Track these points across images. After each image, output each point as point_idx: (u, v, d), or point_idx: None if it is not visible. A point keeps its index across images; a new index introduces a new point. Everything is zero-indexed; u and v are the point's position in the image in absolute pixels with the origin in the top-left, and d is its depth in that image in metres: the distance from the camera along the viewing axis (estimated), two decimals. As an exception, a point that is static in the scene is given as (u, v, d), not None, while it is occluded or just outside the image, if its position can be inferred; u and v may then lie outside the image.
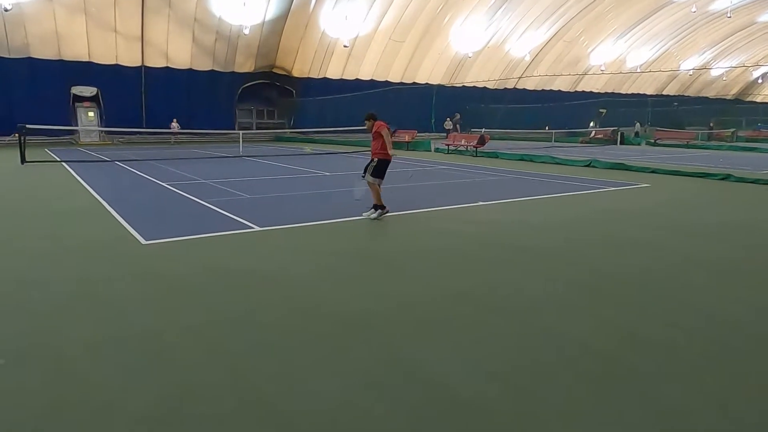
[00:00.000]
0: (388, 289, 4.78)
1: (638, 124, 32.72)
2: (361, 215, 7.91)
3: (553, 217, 8.35)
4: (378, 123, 8.03)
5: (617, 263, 5.70)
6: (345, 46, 32.89)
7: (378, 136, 7.94)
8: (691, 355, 3.47)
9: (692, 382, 3.11)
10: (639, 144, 30.78)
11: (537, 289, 4.80)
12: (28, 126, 16.81)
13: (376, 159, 7.97)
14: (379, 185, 7.94)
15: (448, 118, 29.35)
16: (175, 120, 28.70)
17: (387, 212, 7.94)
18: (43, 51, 26.39)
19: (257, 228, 7.16)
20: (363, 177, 8.08)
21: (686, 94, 53.09)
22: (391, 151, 7.94)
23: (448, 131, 29.47)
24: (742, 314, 4.21)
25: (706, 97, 54.28)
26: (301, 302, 4.40)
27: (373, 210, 7.90)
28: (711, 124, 38.91)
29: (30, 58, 26.26)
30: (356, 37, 32.93)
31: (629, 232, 7.28)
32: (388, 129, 8.09)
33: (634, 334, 3.78)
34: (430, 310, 4.25)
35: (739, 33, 47.87)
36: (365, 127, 8.19)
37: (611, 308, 4.31)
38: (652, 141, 31.28)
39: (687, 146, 28.95)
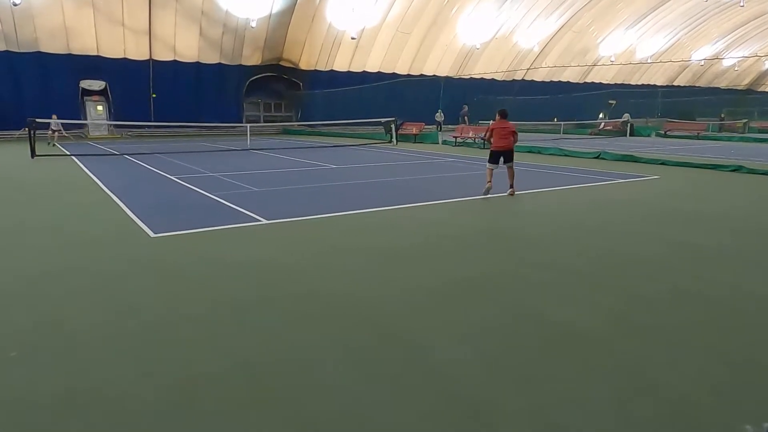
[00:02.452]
0: (389, 277, 4.79)
1: (627, 115, 32.39)
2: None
3: (562, 208, 8.30)
4: (493, 122, 9.75)
5: (623, 252, 5.66)
6: (352, 38, 32.77)
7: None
8: (700, 345, 3.46)
9: (673, 358, 3.10)
10: (649, 135, 30.48)
11: (541, 279, 4.78)
12: (37, 120, 16.94)
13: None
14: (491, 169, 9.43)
15: (440, 110, 29.22)
16: (54, 115, 21.20)
17: (486, 192, 9.11)
18: (52, 45, 26.52)
19: (264, 221, 7.19)
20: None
21: (697, 85, 52.43)
22: (495, 145, 9.53)
23: (439, 123, 29.33)
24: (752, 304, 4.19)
25: (718, 88, 53.55)
26: (305, 293, 4.42)
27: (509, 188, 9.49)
28: (722, 115, 38.41)
29: (39, 53, 26.40)
30: (363, 29, 32.79)
31: (635, 223, 7.23)
32: (497, 127, 9.59)
33: (637, 320, 3.77)
34: (434, 296, 4.26)
35: (752, 22, 47.10)
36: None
37: (618, 297, 4.30)
38: (662, 132, 30.97)
39: (698, 137, 28.63)
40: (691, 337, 3.63)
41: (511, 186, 9.46)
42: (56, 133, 21.50)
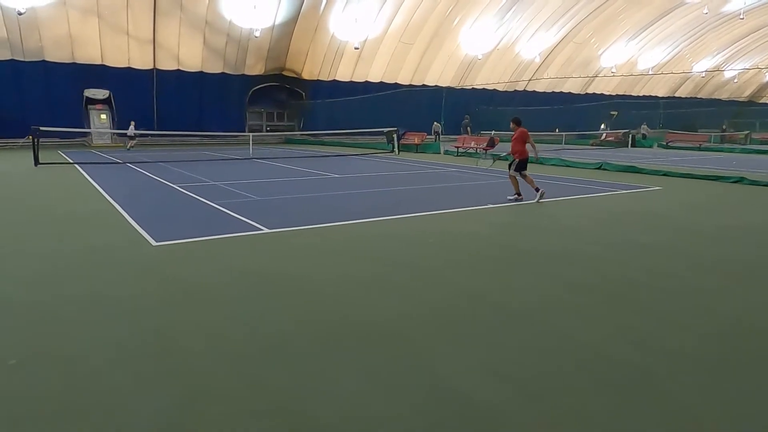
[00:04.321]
0: (398, 289, 4.77)
1: (645, 125, 32.40)
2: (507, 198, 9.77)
3: (564, 220, 8.29)
4: (520, 129, 9.88)
5: (628, 266, 5.64)
6: (355, 48, 32.96)
7: (518, 140, 9.81)
8: (705, 360, 3.42)
9: (706, 387, 3.06)
10: (650, 146, 30.52)
11: (547, 292, 4.75)
12: (41, 128, 17.01)
13: (517, 158, 9.84)
14: (518, 177, 9.82)
15: (436, 122, 29.36)
16: (132, 122, 24.73)
17: (521, 200, 9.61)
18: (57, 54, 26.69)
19: (266, 230, 7.18)
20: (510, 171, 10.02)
21: (699, 96, 52.56)
22: (532, 154, 10.14)
23: (437, 134, 29.41)
24: (758, 316, 4.15)
25: (719, 99, 53.69)
26: (311, 304, 4.40)
27: (516, 195, 9.79)
28: (723, 127, 38.46)
29: (44, 61, 26.58)
30: (366, 39, 32.98)
31: (640, 235, 7.21)
32: (527, 136, 9.94)
33: (648, 338, 3.73)
34: (441, 311, 4.24)
35: (752, 35, 47.32)
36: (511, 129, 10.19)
37: (625, 313, 4.26)
38: (664, 143, 31.00)
39: (699, 149, 28.64)
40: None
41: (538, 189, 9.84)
42: (132, 140, 24.78)
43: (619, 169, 15.78)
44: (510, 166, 10.02)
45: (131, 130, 24.17)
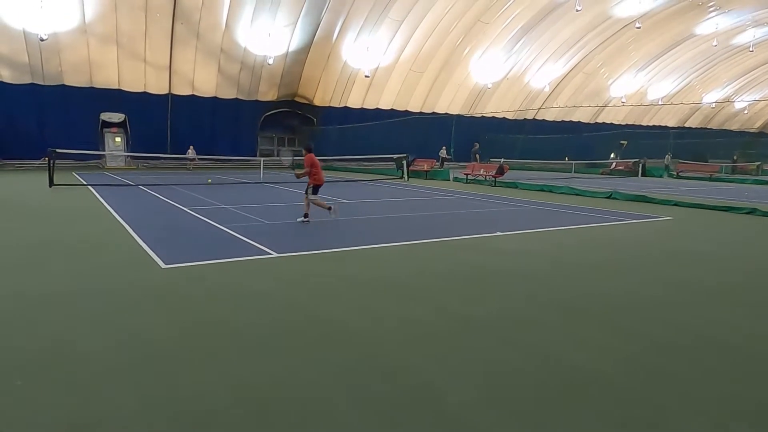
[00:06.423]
0: (396, 313, 4.73)
1: (668, 156, 32.25)
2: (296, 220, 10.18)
3: (573, 249, 8.23)
4: (308, 156, 10.34)
5: (635, 295, 5.57)
6: (366, 77, 33.49)
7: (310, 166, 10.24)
8: (707, 387, 3.35)
9: (698, 411, 2.99)
10: (661, 176, 30.43)
11: (554, 323, 4.70)
12: (57, 150, 17.34)
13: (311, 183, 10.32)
14: (314, 200, 10.36)
15: (444, 147, 29.59)
16: (191, 147, 28.38)
17: (308, 222, 10.06)
18: (76, 78, 27.38)
19: (275, 254, 7.19)
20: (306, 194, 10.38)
21: (709, 127, 52.59)
22: (300, 176, 10.58)
23: (443, 160, 29.56)
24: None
25: (730, 130, 53.69)
26: (318, 328, 4.37)
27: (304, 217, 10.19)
28: (735, 157, 38.33)
29: (63, 85, 27.25)
30: (377, 67, 33.53)
31: (649, 266, 7.13)
32: (310, 162, 10.31)
33: (658, 368, 3.67)
34: (439, 337, 4.19)
35: (762, 67, 47.55)
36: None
37: (633, 343, 4.20)
38: (674, 173, 30.90)
39: (710, 179, 28.50)
40: (706, 385, 3.52)
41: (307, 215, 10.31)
42: (192, 162, 28.43)
43: (629, 198, 15.71)
44: (307, 190, 10.42)
45: (191, 153, 27.72)
